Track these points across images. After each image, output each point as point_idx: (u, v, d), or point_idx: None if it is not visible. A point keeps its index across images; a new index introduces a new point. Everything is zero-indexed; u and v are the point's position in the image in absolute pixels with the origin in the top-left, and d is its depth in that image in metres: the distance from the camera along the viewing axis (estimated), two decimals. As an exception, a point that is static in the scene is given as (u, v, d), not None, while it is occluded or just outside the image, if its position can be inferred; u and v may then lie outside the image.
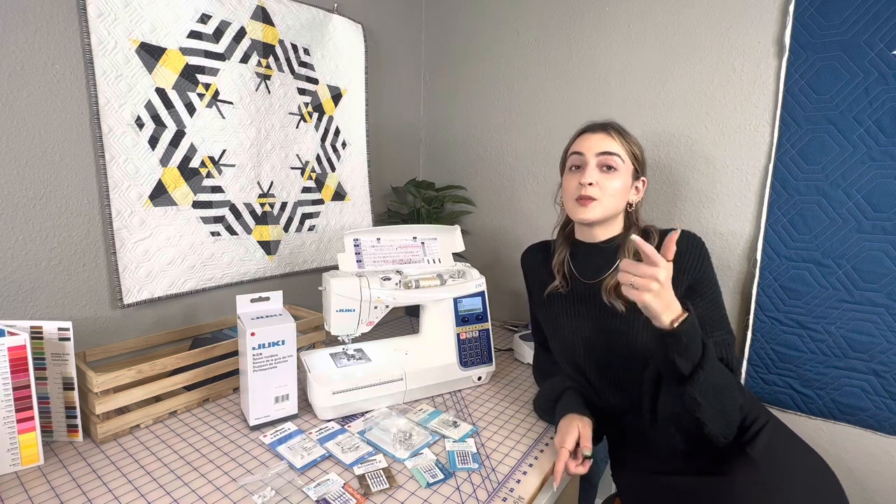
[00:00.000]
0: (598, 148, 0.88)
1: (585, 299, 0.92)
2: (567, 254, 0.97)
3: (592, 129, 0.91)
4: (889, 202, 0.98)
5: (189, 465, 0.78)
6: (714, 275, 0.85)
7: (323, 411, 0.92)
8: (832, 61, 1.01)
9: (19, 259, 0.87)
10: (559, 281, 0.95)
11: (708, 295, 0.83)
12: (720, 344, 0.80)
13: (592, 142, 0.89)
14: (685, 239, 0.85)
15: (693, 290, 0.82)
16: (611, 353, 0.88)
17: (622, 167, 0.88)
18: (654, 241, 0.86)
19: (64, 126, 0.90)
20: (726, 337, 0.82)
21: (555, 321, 0.97)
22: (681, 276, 0.82)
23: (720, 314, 0.83)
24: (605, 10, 1.31)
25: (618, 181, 0.87)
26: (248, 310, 0.91)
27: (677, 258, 0.82)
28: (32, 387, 0.75)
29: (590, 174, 0.87)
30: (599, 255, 0.92)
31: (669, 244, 0.69)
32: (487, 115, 1.59)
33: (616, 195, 0.88)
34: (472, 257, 1.60)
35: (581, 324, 0.92)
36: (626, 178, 0.88)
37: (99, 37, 0.91)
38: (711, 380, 0.70)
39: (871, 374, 1.02)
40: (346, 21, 1.38)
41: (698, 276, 0.83)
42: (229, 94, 1.12)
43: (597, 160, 0.88)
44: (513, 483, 0.77)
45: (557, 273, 0.96)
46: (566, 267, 0.96)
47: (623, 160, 0.88)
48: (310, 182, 1.34)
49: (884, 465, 1.05)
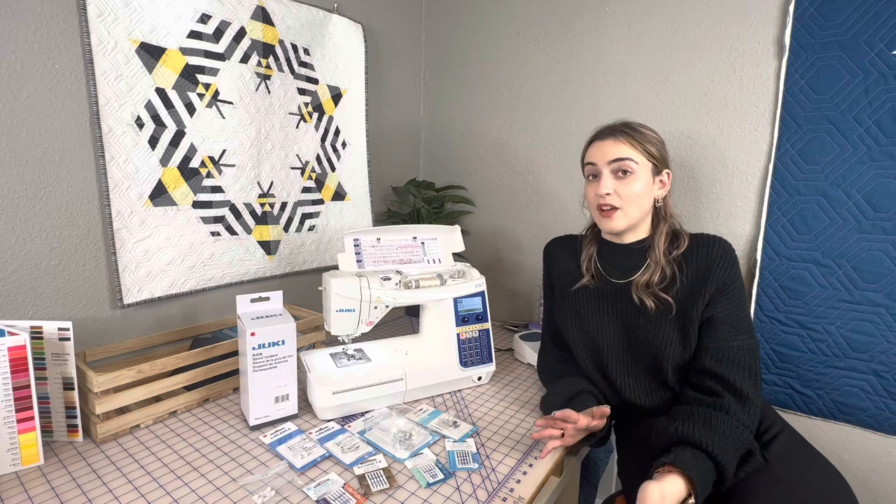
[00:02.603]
0: (609, 156, 0.87)
1: (612, 297, 0.92)
2: (595, 251, 0.97)
3: (601, 135, 0.90)
4: (889, 202, 0.98)
5: (189, 465, 0.78)
6: (741, 280, 0.85)
7: (323, 411, 0.92)
8: (832, 61, 1.01)
9: (19, 259, 0.87)
10: (587, 278, 0.95)
11: (733, 300, 0.83)
12: (743, 349, 0.80)
13: (603, 150, 0.88)
14: (716, 244, 0.86)
15: (719, 293, 0.83)
16: (635, 352, 0.88)
17: (638, 169, 0.86)
18: (685, 245, 0.87)
19: (64, 126, 0.90)
20: (749, 342, 0.82)
21: (578, 316, 0.96)
22: (709, 279, 0.83)
23: (745, 318, 0.83)
24: (605, 10, 1.31)
25: (636, 184, 0.86)
26: (248, 310, 0.91)
27: (706, 262, 0.84)
28: (32, 387, 0.75)
29: (605, 184, 0.87)
30: (629, 256, 0.92)
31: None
32: (487, 115, 1.59)
33: (637, 199, 0.87)
34: (472, 257, 1.60)
35: (606, 321, 0.93)
36: (646, 178, 0.87)
37: (99, 37, 0.91)
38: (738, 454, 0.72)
39: (871, 374, 1.02)
40: (346, 21, 1.38)
41: (725, 280, 0.83)
42: (229, 94, 1.12)
43: (609, 168, 0.87)
44: (513, 483, 0.77)
45: (586, 271, 0.95)
46: (593, 264, 0.96)
47: (637, 162, 0.86)
48: (310, 182, 1.34)
49: (884, 465, 1.05)
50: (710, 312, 0.83)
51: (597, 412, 0.80)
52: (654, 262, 0.87)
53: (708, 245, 0.86)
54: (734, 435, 0.72)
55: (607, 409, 0.81)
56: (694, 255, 0.86)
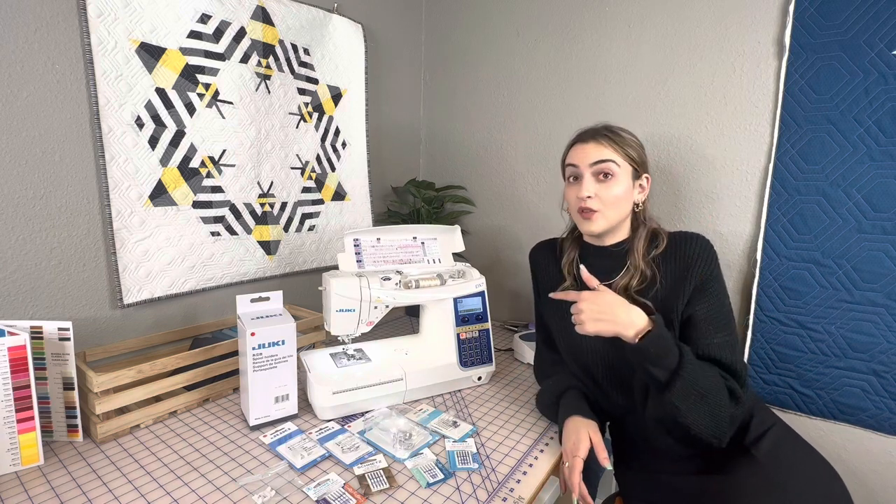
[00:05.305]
0: (590, 158, 0.87)
1: None
2: (576, 255, 0.97)
3: (583, 138, 0.90)
4: (889, 202, 0.98)
5: (189, 465, 0.78)
6: (721, 277, 0.85)
7: (323, 411, 0.92)
8: (832, 61, 1.01)
9: (19, 259, 0.87)
10: (570, 282, 0.95)
11: (713, 296, 0.83)
12: (722, 346, 0.80)
13: (585, 152, 0.88)
14: (694, 241, 0.85)
15: (699, 291, 0.82)
16: (619, 355, 0.88)
17: (619, 172, 0.86)
18: (663, 244, 0.86)
19: (64, 126, 0.90)
20: (729, 339, 0.81)
21: (563, 321, 0.96)
22: (688, 277, 0.83)
23: (725, 316, 0.83)
24: (605, 10, 1.31)
25: (617, 188, 0.86)
26: (248, 310, 0.91)
27: (685, 260, 0.84)
28: (32, 387, 0.75)
29: (587, 187, 0.86)
30: (609, 258, 0.92)
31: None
32: (487, 115, 1.59)
33: (617, 202, 0.87)
34: (472, 257, 1.60)
35: None
36: (626, 181, 0.87)
37: (99, 37, 0.91)
38: (692, 385, 0.72)
39: (871, 374, 1.02)
40: (346, 21, 1.38)
41: (705, 278, 0.83)
42: (229, 94, 1.12)
43: (591, 170, 0.87)
44: (513, 483, 0.77)
45: (567, 274, 0.96)
46: (575, 268, 0.96)
47: (619, 164, 0.86)
48: (310, 182, 1.34)
49: (884, 465, 1.05)
50: (690, 311, 0.82)
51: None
52: (633, 266, 0.87)
53: (686, 243, 0.86)
54: (712, 375, 0.76)
55: (609, 465, 0.80)
56: (672, 253, 0.86)
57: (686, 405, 0.72)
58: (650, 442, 0.86)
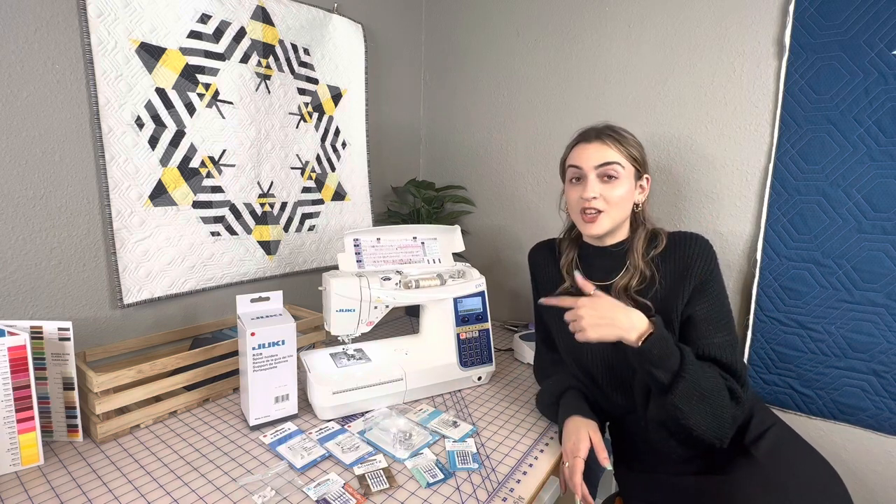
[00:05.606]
0: (595, 160, 0.86)
1: None
2: (575, 255, 0.96)
3: (587, 138, 0.89)
4: (889, 202, 0.98)
5: (189, 465, 0.78)
6: (720, 277, 0.85)
7: (323, 411, 0.92)
8: (832, 61, 1.01)
9: (19, 259, 0.87)
10: (569, 282, 0.95)
11: (712, 297, 0.82)
12: (722, 346, 0.80)
13: (589, 153, 0.87)
14: (693, 241, 0.85)
15: (698, 291, 0.82)
16: (619, 356, 0.88)
17: (623, 173, 0.86)
18: (662, 244, 0.86)
19: (64, 126, 0.90)
20: (728, 339, 0.81)
21: (563, 321, 0.96)
22: (688, 277, 0.83)
23: (724, 317, 0.83)
24: (605, 10, 1.31)
25: (620, 189, 0.86)
26: (248, 310, 0.91)
27: (684, 260, 0.84)
28: (32, 387, 0.75)
29: (591, 188, 0.86)
30: (608, 258, 0.91)
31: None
32: (487, 115, 1.59)
33: (621, 203, 0.87)
34: (472, 257, 1.60)
35: None
36: (629, 182, 0.87)
37: (99, 37, 0.91)
38: (694, 387, 0.72)
39: (871, 374, 1.02)
40: (346, 21, 1.38)
41: (704, 278, 0.83)
42: (229, 94, 1.12)
43: (596, 172, 0.86)
44: (513, 483, 0.77)
45: (567, 274, 0.96)
46: (574, 268, 0.96)
47: (623, 166, 0.86)
48: (310, 182, 1.34)
49: (884, 465, 1.05)
50: (689, 311, 0.82)
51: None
52: (632, 266, 0.87)
53: (685, 243, 0.86)
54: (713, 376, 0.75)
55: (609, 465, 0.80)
56: (672, 253, 0.86)
57: (688, 406, 0.72)
58: (650, 443, 0.86)
